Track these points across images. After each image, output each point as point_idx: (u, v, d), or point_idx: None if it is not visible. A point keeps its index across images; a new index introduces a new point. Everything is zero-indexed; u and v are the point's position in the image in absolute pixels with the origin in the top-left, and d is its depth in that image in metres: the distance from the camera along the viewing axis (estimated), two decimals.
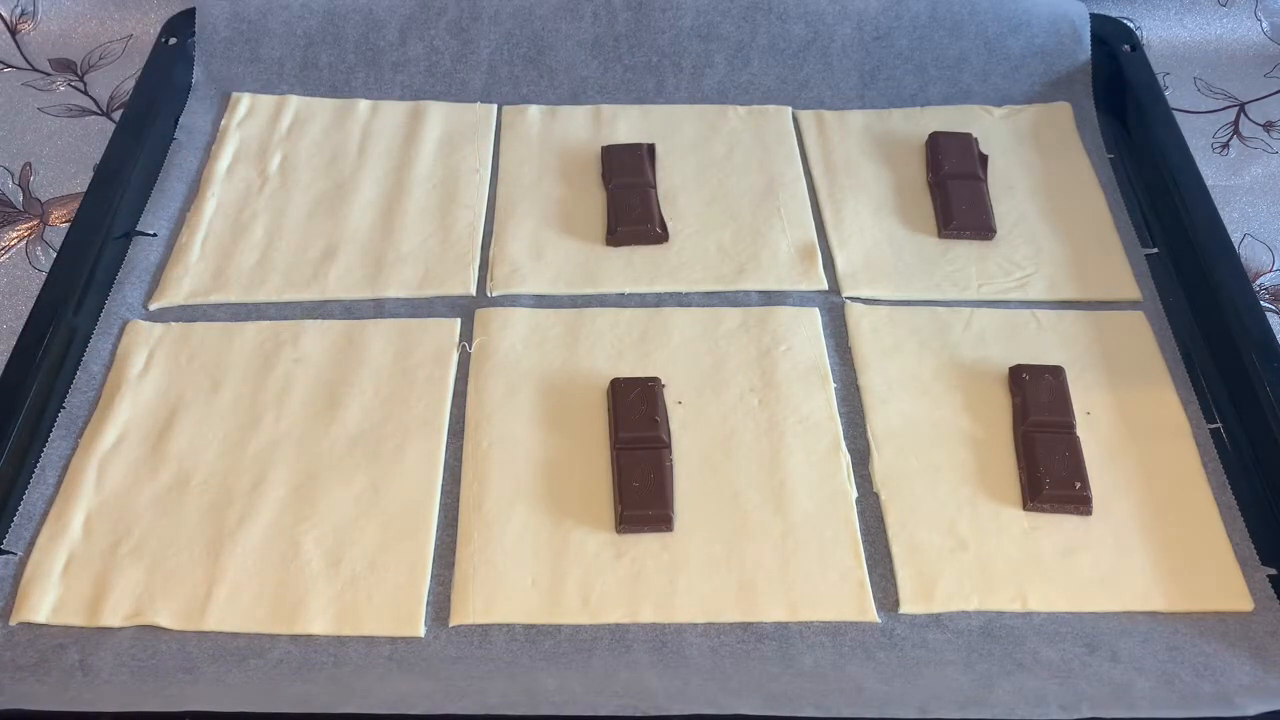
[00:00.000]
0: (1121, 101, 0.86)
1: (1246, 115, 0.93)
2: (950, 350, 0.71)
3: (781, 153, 0.83)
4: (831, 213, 0.79)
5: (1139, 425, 0.67)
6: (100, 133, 0.90)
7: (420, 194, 0.80)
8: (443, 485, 0.64)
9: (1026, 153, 0.84)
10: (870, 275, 0.75)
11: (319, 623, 0.58)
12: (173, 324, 0.72)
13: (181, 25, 0.88)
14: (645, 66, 0.87)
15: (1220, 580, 0.60)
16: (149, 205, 0.78)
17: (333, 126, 0.85)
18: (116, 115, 0.91)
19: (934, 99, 0.87)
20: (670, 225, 0.78)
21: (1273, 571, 0.61)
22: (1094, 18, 0.88)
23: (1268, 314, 0.70)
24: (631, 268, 0.75)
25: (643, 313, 0.73)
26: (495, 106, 0.87)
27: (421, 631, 0.58)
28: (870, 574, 0.60)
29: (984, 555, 0.61)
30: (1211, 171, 0.85)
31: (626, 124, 0.86)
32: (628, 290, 0.74)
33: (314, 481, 0.64)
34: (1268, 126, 0.92)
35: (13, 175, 0.88)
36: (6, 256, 0.81)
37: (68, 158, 0.89)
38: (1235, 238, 0.80)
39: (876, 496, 0.64)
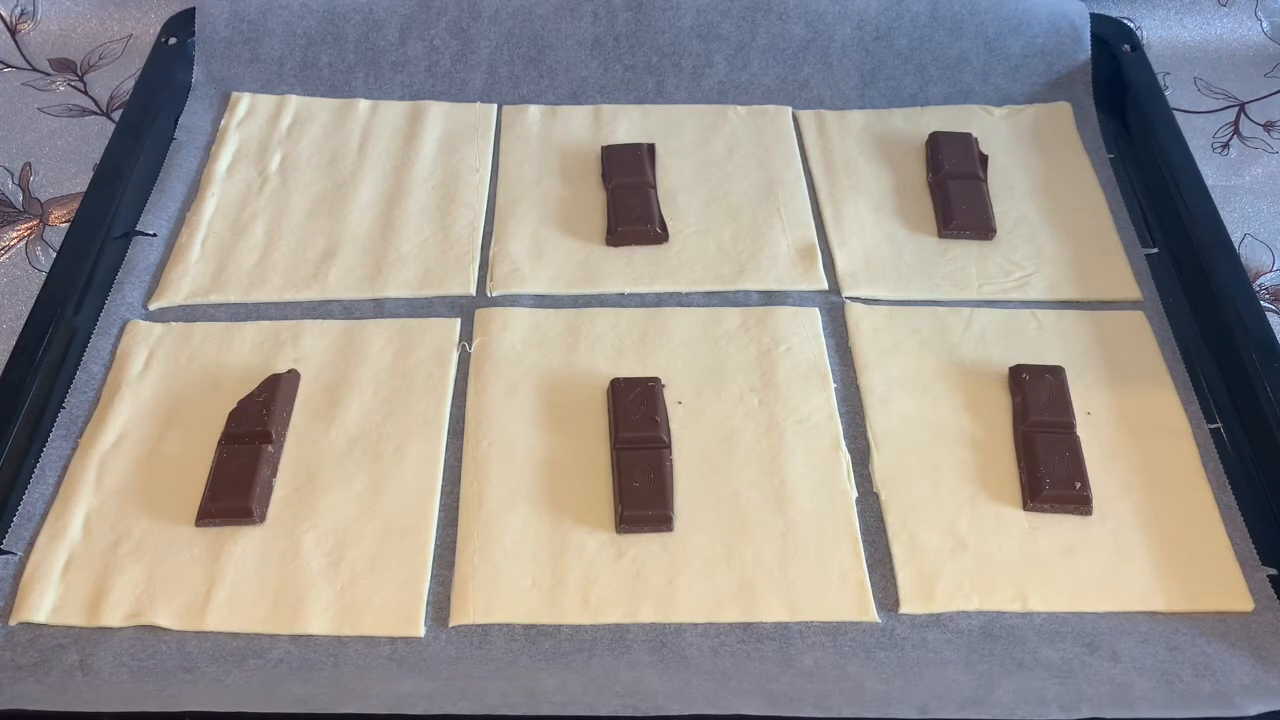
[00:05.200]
0: (1121, 101, 0.86)
1: (1246, 115, 0.93)
2: (950, 350, 0.71)
3: (781, 153, 0.83)
4: (831, 213, 0.79)
5: (1139, 425, 0.67)
6: (100, 133, 0.90)
7: (420, 194, 0.80)
8: (443, 485, 0.64)
9: (1026, 153, 0.83)
10: (870, 275, 0.75)
11: (319, 623, 0.58)
12: (173, 324, 0.72)
13: (181, 25, 0.88)
14: (645, 66, 0.87)
15: (1220, 580, 0.60)
16: (149, 205, 0.78)
17: (333, 126, 0.85)
18: (116, 115, 0.91)
19: (934, 99, 0.87)
20: (670, 225, 0.77)
21: (1273, 571, 0.61)
22: (1094, 18, 0.88)
23: (1268, 314, 0.70)
24: (631, 268, 0.75)
25: (643, 313, 0.73)
26: (495, 106, 0.87)
27: (421, 631, 0.58)
28: (870, 574, 0.60)
29: (984, 555, 0.61)
30: (1211, 171, 0.85)
31: (626, 124, 0.86)
32: (628, 290, 0.74)
33: (314, 481, 0.64)
34: (1268, 126, 0.92)
35: (13, 175, 0.87)
36: (6, 256, 0.81)
37: (68, 158, 0.89)
38: (1235, 238, 0.80)
39: (876, 496, 0.64)
